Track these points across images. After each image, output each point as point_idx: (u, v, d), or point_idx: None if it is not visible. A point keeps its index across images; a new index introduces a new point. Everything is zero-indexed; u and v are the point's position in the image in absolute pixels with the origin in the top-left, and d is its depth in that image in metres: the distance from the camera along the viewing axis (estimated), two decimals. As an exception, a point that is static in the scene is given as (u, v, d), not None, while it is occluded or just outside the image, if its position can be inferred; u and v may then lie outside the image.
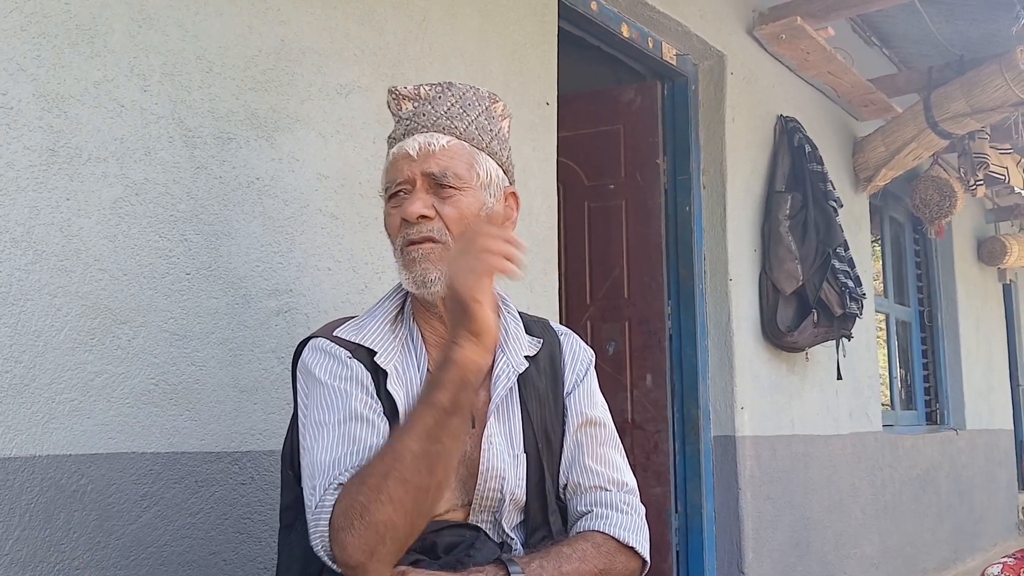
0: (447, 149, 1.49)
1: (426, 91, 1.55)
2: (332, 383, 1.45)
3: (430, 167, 1.48)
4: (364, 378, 1.47)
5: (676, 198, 3.90)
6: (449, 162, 1.49)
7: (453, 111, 1.53)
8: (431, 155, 1.49)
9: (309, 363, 1.49)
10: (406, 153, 1.50)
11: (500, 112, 1.60)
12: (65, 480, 1.65)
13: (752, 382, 3.92)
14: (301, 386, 1.51)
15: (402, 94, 1.56)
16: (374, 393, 1.46)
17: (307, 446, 1.43)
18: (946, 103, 4.60)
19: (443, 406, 1.29)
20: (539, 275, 2.81)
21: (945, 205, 5.38)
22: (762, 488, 3.90)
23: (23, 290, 1.62)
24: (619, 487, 1.57)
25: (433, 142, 1.49)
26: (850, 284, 4.20)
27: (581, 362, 1.67)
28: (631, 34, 3.57)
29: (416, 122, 1.52)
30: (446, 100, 1.54)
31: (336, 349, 1.49)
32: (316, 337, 1.53)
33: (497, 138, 1.57)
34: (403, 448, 1.29)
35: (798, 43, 4.16)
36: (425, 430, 1.29)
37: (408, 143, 1.51)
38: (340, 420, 1.41)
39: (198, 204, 1.92)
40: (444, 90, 1.55)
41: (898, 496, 5.20)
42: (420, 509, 1.31)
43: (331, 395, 1.44)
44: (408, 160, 1.49)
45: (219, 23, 1.99)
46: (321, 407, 1.44)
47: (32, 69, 1.66)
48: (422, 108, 1.53)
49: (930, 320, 6.44)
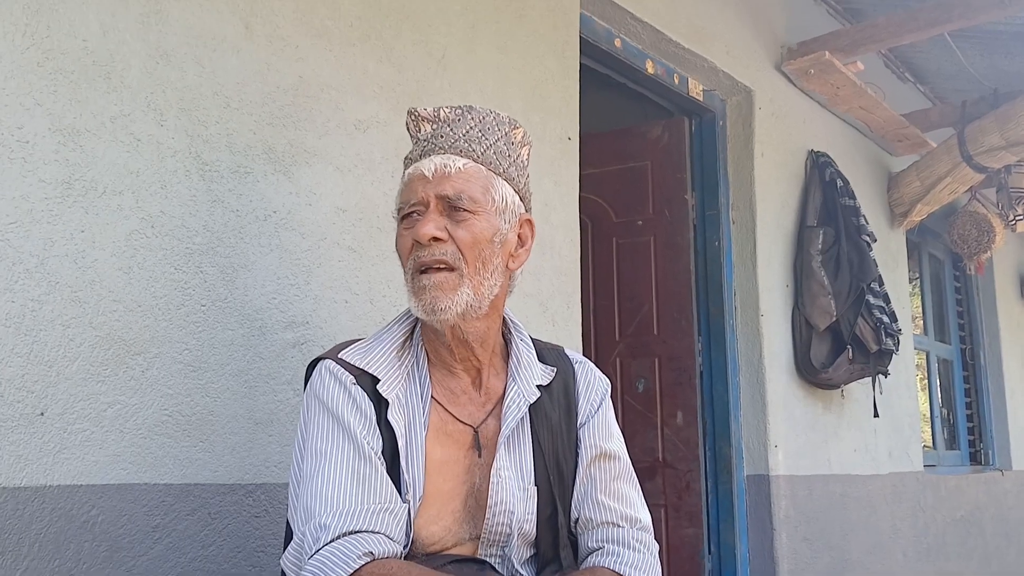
0: (463, 172, 1.48)
1: (446, 113, 1.54)
2: (337, 413, 1.45)
3: (445, 189, 1.46)
4: (367, 408, 1.46)
5: (705, 233, 3.88)
6: (464, 185, 1.47)
7: (472, 134, 1.51)
8: (447, 177, 1.47)
9: (316, 387, 1.49)
10: (421, 174, 1.49)
11: (520, 139, 1.58)
12: (76, 511, 1.66)
13: (786, 420, 3.85)
14: (305, 407, 1.51)
15: (421, 115, 1.55)
16: (375, 423, 1.45)
17: (306, 471, 1.42)
18: (980, 137, 4.54)
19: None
20: (561, 309, 2.79)
21: (984, 240, 5.28)
22: (798, 529, 3.81)
23: (37, 321, 1.64)
24: (632, 523, 1.54)
25: (449, 164, 1.48)
26: (885, 320, 4.14)
27: (596, 392, 1.63)
28: (656, 70, 3.58)
29: (434, 143, 1.51)
30: (466, 123, 1.52)
31: (342, 374, 1.48)
32: (325, 359, 1.53)
33: (515, 164, 1.55)
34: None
35: (827, 78, 4.13)
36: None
37: (424, 164, 1.49)
38: (345, 457, 1.41)
39: (214, 237, 1.93)
40: (464, 113, 1.54)
41: (941, 538, 5.06)
42: None
43: (336, 427, 1.44)
44: (423, 181, 1.48)
45: (236, 60, 2.02)
46: (325, 436, 1.43)
47: (49, 104, 1.70)
48: (441, 130, 1.52)
49: (972, 358, 6.31)
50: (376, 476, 1.40)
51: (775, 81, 4.11)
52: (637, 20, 3.32)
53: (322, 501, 1.36)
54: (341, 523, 1.34)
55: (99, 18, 1.79)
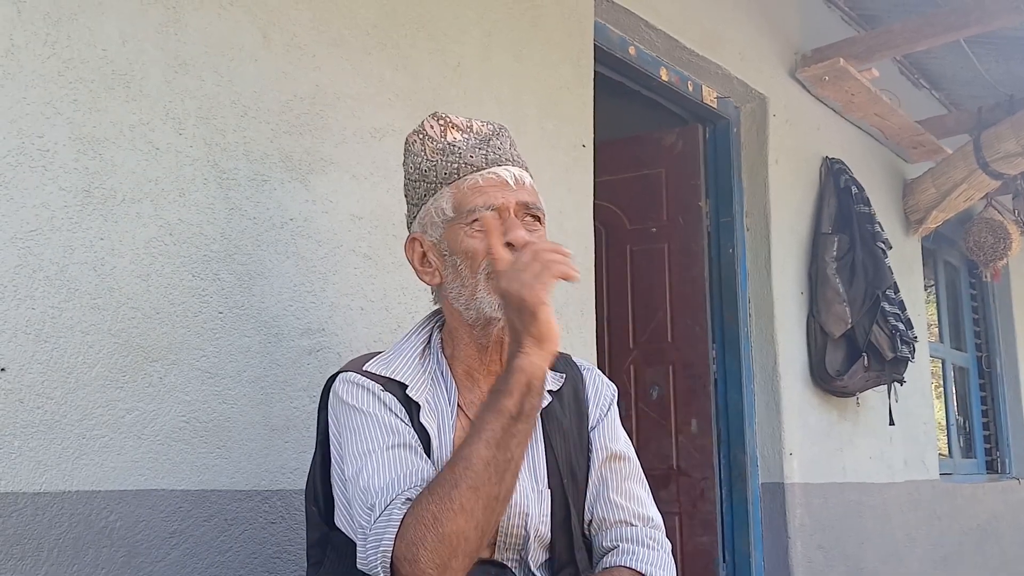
0: (532, 185, 1.55)
1: (479, 126, 1.56)
2: (372, 411, 1.45)
3: (525, 197, 1.51)
4: (399, 411, 1.47)
5: (719, 240, 3.88)
6: (536, 198, 1.54)
7: (514, 151, 1.57)
8: (523, 187, 1.52)
9: (343, 395, 1.49)
10: (504, 181, 1.50)
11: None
12: (94, 516, 1.67)
13: (801, 427, 3.84)
14: (334, 419, 1.50)
15: (452, 122, 1.56)
16: (411, 424, 1.46)
17: (349, 474, 1.41)
18: (996, 143, 4.52)
19: (511, 412, 1.30)
20: (575, 316, 2.79)
21: (1000, 247, 5.26)
22: (813, 537, 3.80)
23: (56, 328, 1.65)
24: (644, 522, 1.55)
25: (523, 176, 1.53)
26: (901, 327, 4.12)
27: (604, 397, 1.66)
28: (670, 78, 3.58)
29: (496, 153, 1.52)
30: (505, 138, 1.56)
31: (368, 383, 1.49)
32: (346, 371, 1.53)
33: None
34: (473, 455, 1.29)
35: (842, 85, 4.13)
36: (494, 437, 1.29)
37: (502, 171, 1.51)
38: (387, 446, 1.40)
39: (232, 244, 1.95)
40: (498, 130, 1.57)
41: (958, 547, 5.03)
42: (489, 519, 1.30)
43: (372, 423, 1.44)
44: (503, 188, 1.50)
45: (254, 69, 2.04)
46: (363, 437, 1.43)
47: (69, 113, 1.71)
48: (494, 141, 1.53)
49: (988, 366, 6.27)
50: (417, 457, 1.40)
51: (789, 88, 4.10)
52: (651, 27, 3.33)
53: (371, 492, 1.36)
54: (391, 494, 1.34)
55: (119, 27, 1.81)
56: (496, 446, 1.29)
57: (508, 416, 1.30)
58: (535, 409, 1.34)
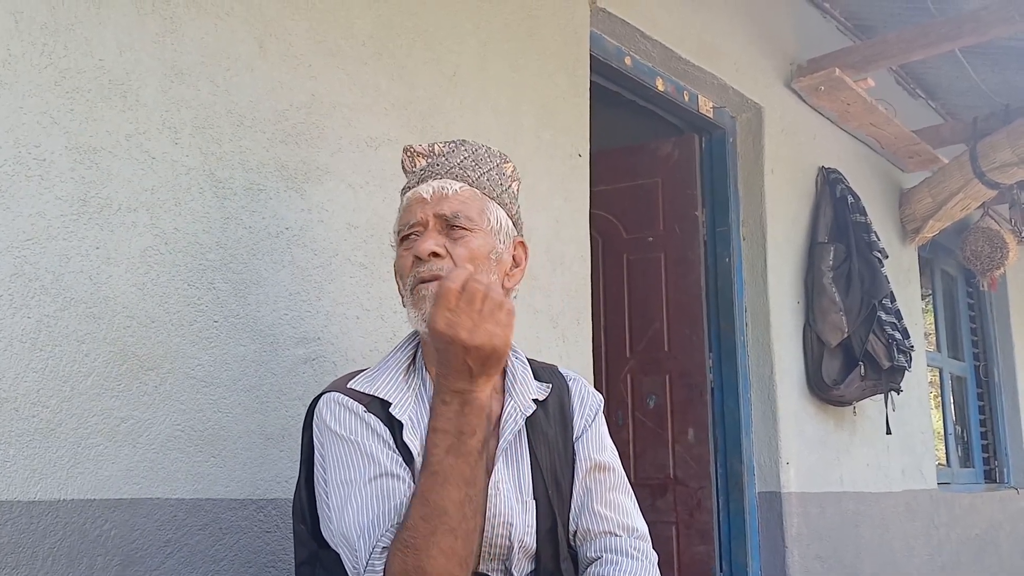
0: (459, 194, 1.54)
1: (439, 147, 1.61)
2: (354, 439, 1.46)
3: (442, 209, 1.52)
4: (382, 431, 1.47)
5: (716, 250, 3.88)
6: (461, 206, 1.53)
7: (466, 163, 1.58)
8: (444, 198, 1.53)
9: (327, 419, 1.49)
10: (420, 196, 1.55)
11: (510, 173, 1.64)
12: (89, 525, 1.67)
13: (798, 437, 3.84)
14: (319, 443, 1.51)
15: (417, 151, 1.62)
16: (393, 446, 1.46)
17: (335, 506, 1.42)
18: (992, 153, 4.54)
19: (476, 450, 1.32)
20: (572, 324, 2.80)
21: (997, 256, 5.27)
22: (810, 547, 3.79)
23: (52, 336, 1.66)
24: (629, 532, 1.56)
25: (447, 187, 1.54)
26: (897, 336, 4.12)
27: (590, 407, 1.66)
28: (666, 88, 3.59)
29: (431, 171, 1.58)
30: (460, 153, 1.59)
31: (352, 403, 1.49)
32: (330, 392, 1.54)
33: (507, 192, 1.61)
34: (445, 501, 1.30)
35: (838, 95, 4.14)
36: (463, 478, 1.31)
37: (422, 188, 1.56)
38: (370, 477, 1.42)
39: (227, 253, 1.95)
40: (457, 146, 1.61)
41: (956, 557, 5.02)
42: (470, 551, 1.33)
43: (354, 452, 1.45)
44: (421, 203, 1.54)
45: (250, 78, 2.04)
46: (345, 465, 1.44)
47: (65, 122, 1.72)
48: (436, 160, 1.58)
49: (986, 375, 6.27)
50: (399, 482, 1.41)
51: (785, 98, 4.12)
52: (647, 38, 3.34)
53: (356, 530, 1.38)
54: (370, 543, 1.36)
55: (115, 37, 1.82)
56: (466, 484, 1.31)
57: (475, 454, 1.32)
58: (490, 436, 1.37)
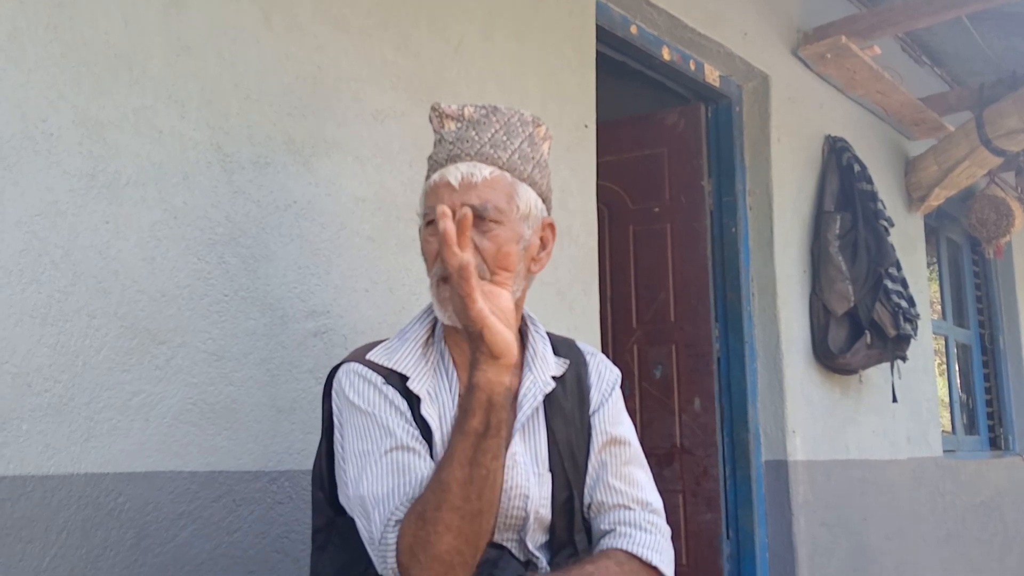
0: (489, 180, 1.48)
1: (471, 112, 1.54)
2: (371, 410, 1.46)
3: (471, 199, 1.46)
4: (400, 404, 1.47)
5: (722, 220, 3.88)
6: (490, 194, 1.47)
7: (497, 138, 1.51)
8: (473, 187, 1.47)
9: (345, 389, 1.49)
10: (448, 182, 1.48)
11: (542, 135, 1.59)
12: (103, 498, 1.68)
13: (804, 405, 3.85)
14: (337, 413, 1.52)
15: (446, 112, 1.55)
16: (411, 419, 1.47)
17: (352, 476, 1.44)
18: (999, 120, 4.51)
19: (477, 431, 1.31)
20: (579, 296, 2.80)
21: (1003, 224, 5.25)
22: (816, 514, 3.81)
23: (63, 311, 1.66)
24: (643, 506, 1.56)
25: (476, 172, 1.48)
26: (903, 304, 4.12)
27: (607, 382, 1.66)
28: (672, 57, 3.57)
29: (459, 148, 1.50)
30: (491, 125, 1.52)
31: (371, 374, 1.49)
32: (349, 362, 1.54)
33: (538, 165, 1.56)
34: (448, 478, 1.31)
35: (844, 62, 4.12)
36: (466, 457, 1.31)
37: (450, 172, 1.49)
38: (386, 449, 1.42)
39: (236, 227, 1.95)
40: (489, 114, 1.53)
41: (961, 523, 5.05)
42: (479, 530, 1.33)
43: (371, 423, 1.45)
44: (449, 190, 1.48)
45: (256, 51, 2.03)
46: (363, 436, 1.45)
47: (72, 96, 1.71)
48: (466, 133, 1.51)
49: (991, 342, 6.27)
50: (415, 457, 1.42)
51: (791, 66, 4.09)
52: (652, 6, 3.32)
53: (371, 500, 1.39)
54: (385, 515, 1.37)
55: (121, 11, 1.81)
56: (470, 464, 1.31)
57: (475, 435, 1.31)
58: (503, 422, 1.34)
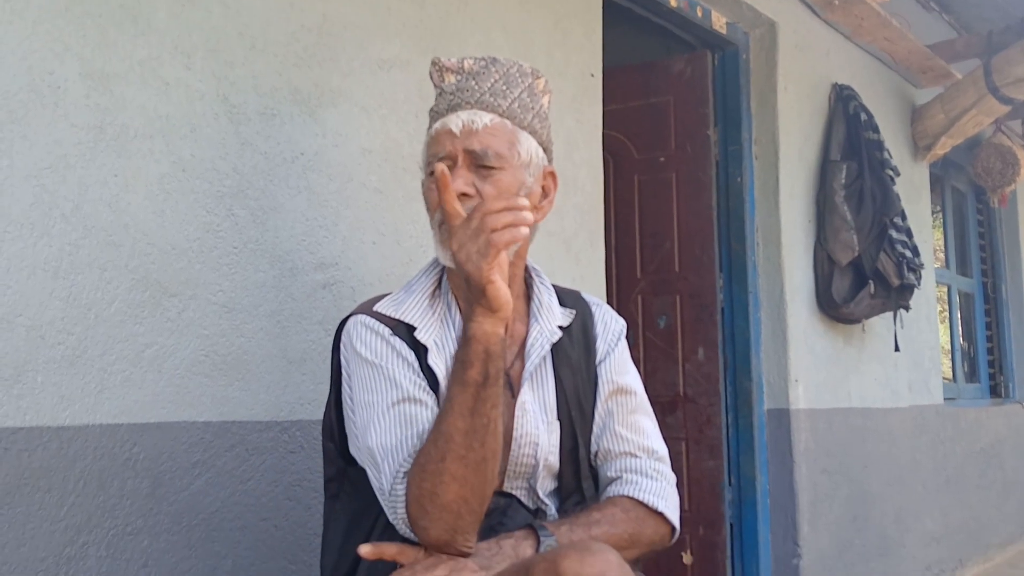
0: (489, 127, 1.51)
1: (470, 64, 1.56)
2: (379, 362, 1.48)
3: (472, 145, 1.49)
4: (408, 355, 1.49)
5: (727, 169, 3.86)
6: (491, 140, 1.50)
7: (497, 87, 1.54)
8: (474, 133, 1.50)
9: (353, 341, 1.52)
10: (449, 130, 1.51)
11: (541, 88, 1.61)
12: (118, 449, 1.70)
13: (807, 354, 3.87)
14: (345, 365, 1.54)
15: (445, 66, 1.57)
16: (418, 369, 1.49)
17: (360, 427, 1.46)
18: (1007, 68, 4.46)
19: (476, 381, 1.33)
20: (585, 247, 2.80)
21: (1008, 173, 5.22)
22: (818, 461, 3.85)
23: (74, 264, 1.67)
24: (649, 453, 1.59)
25: (476, 120, 1.50)
26: (908, 254, 4.12)
27: (612, 332, 1.69)
28: (679, 3, 3.53)
29: (460, 97, 1.53)
30: (490, 76, 1.54)
31: (378, 326, 1.51)
32: (357, 314, 1.55)
33: (538, 116, 1.58)
34: (450, 428, 1.33)
35: (852, 9, 4.07)
36: (466, 407, 1.33)
37: (451, 119, 1.52)
38: (392, 401, 1.44)
39: (244, 180, 1.95)
40: (488, 65, 1.56)
41: (961, 470, 5.11)
42: (484, 479, 1.35)
43: (379, 375, 1.47)
44: (451, 136, 1.51)
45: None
46: (370, 388, 1.47)
47: (78, 48, 1.70)
48: (466, 83, 1.54)
49: (994, 291, 6.27)
50: (421, 408, 1.44)
51: (799, 13, 4.04)
52: (659, -48, 3.28)
53: (379, 452, 1.42)
54: (393, 467, 1.40)
55: (124, -40, 1.79)
56: (470, 414, 1.33)
57: (475, 385, 1.33)
58: (500, 371, 1.36)
